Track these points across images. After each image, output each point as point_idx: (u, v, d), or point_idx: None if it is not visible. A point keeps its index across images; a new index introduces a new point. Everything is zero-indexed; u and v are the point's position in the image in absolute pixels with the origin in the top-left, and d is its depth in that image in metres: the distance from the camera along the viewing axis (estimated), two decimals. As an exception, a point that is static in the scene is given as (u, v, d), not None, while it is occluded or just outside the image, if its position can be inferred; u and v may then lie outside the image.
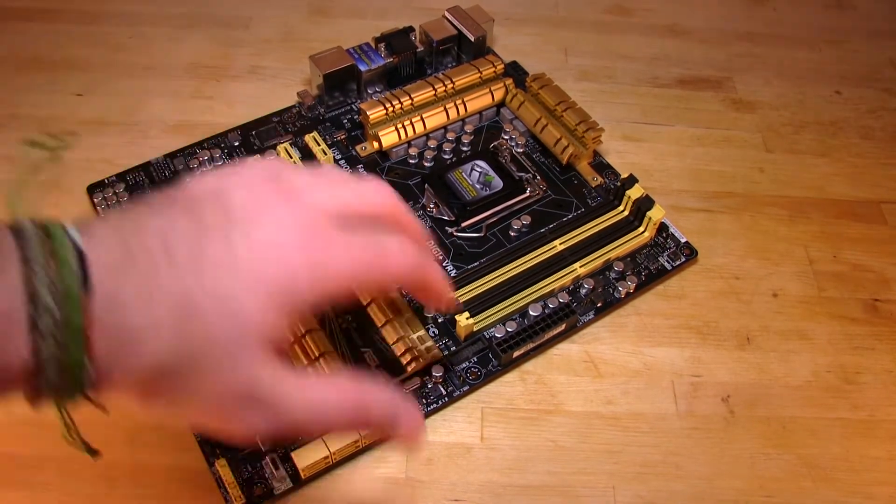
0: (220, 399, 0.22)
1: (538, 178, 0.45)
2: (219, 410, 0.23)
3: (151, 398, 0.22)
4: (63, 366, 0.20)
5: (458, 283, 0.39)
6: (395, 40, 0.49)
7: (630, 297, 0.40)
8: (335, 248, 0.24)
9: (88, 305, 0.20)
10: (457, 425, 0.36)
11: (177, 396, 0.22)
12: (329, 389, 0.24)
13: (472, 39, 0.50)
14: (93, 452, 0.24)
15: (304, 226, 0.23)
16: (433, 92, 0.46)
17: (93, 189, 0.43)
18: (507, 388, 0.37)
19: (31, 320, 0.19)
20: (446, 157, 0.46)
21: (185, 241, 0.22)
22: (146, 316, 0.21)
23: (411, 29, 0.50)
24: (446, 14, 0.51)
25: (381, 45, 0.49)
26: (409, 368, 0.36)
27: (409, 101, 0.45)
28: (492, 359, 0.37)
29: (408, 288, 0.29)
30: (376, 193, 0.27)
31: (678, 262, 0.42)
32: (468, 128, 0.47)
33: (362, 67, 0.48)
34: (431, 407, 0.36)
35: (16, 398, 0.20)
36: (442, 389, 0.36)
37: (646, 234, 0.42)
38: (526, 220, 0.43)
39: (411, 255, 0.26)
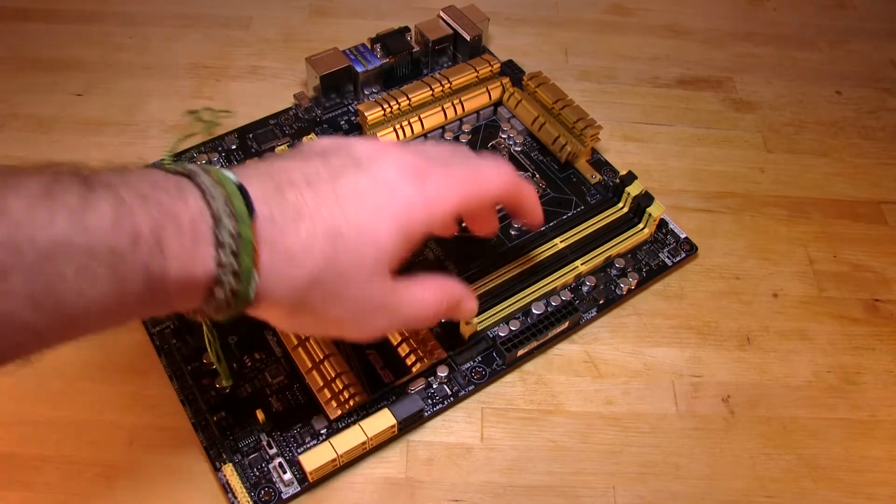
0: (359, 309, 0.27)
1: (537, 176, 0.45)
2: (356, 318, 0.27)
3: (298, 314, 0.26)
4: (237, 274, 0.23)
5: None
6: (391, 41, 0.49)
7: (632, 293, 0.40)
8: (443, 180, 0.28)
9: (253, 226, 0.23)
10: (457, 425, 0.36)
11: (320, 311, 0.26)
12: (427, 290, 0.30)
13: (468, 39, 0.50)
14: (228, 378, 0.28)
15: (417, 165, 0.28)
16: (430, 92, 0.46)
17: (92, 189, 0.43)
18: (507, 388, 0.37)
19: (214, 234, 0.23)
20: (446, 156, 0.46)
21: (324, 179, 0.26)
22: (301, 238, 0.24)
23: (407, 29, 0.50)
24: (441, 14, 0.51)
25: (377, 46, 0.49)
26: (414, 369, 0.36)
27: (407, 102, 0.45)
28: (496, 358, 0.37)
29: (504, 204, 0.34)
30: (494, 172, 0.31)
31: (678, 258, 0.42)
32: (466, 127, 0.47)
33: (359, 68, 0.48)
34: (437, 407, 0.36)
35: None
36: (447, 389, 0.36)
37: (645, 230, 0.42)
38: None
39: (505, 174, 0.31)
